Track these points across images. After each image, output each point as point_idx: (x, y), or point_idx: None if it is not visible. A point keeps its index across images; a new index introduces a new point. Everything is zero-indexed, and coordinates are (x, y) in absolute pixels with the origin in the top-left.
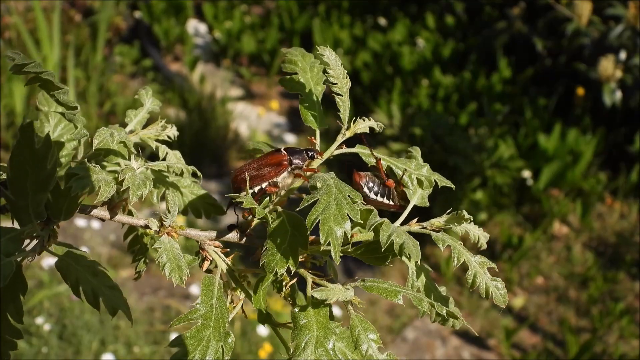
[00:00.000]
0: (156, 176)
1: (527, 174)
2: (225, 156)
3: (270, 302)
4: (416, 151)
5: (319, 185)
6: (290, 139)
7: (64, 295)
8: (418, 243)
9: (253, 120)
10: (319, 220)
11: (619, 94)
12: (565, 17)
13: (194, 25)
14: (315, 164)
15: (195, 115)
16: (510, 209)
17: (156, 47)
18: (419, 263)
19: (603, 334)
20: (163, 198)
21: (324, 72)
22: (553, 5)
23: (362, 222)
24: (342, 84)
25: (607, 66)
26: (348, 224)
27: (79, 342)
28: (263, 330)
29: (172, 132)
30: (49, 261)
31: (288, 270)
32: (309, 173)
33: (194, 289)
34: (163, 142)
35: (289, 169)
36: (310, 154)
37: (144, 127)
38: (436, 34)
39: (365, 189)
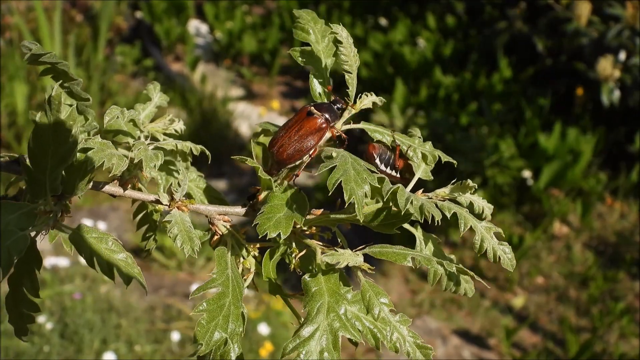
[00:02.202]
0: (163, 168)
1: (527, 173)
2: (227, 156)
3: (272, 301)
4: (416, 131)
5: (334, 154)
6: None
7: (65, 294)
8: (434, 204)
9: (254, 120)
10: (337, 183)
11: (617, 94)
12: (565, 17)
13: (195, 25)
14: (347, 115)
15: (196, 115)
16: (510, 208)
17: (157, 47)
18: (439, 223)
19: (603, 333)
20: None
21: (335, 42)
22: (553, 6)
23: (379, 186)
24: (352, 62)
25: (606, 66)
26: (367, 186)
27: (80, 341)
28: (264, 329)
29: (180, 126)
30: (51, 260)
31: (281, 239)
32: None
33: (195, 288)
34: (170, 135)
35: (329, 129)
36: (337, 106)
37: (152, 121)
38: (437, 33)
39: (377, 160)
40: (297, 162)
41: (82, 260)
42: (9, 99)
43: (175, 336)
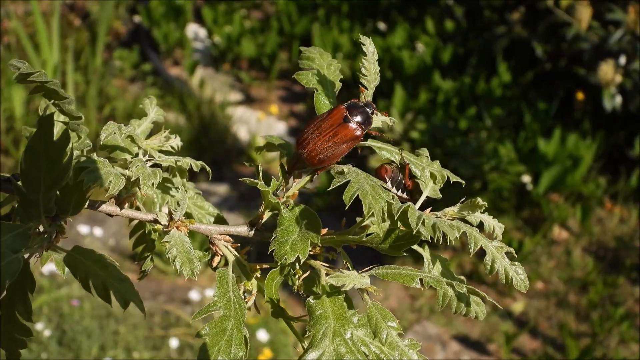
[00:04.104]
0: (160, 186)
1: (526, 178)
2: (225, 160)
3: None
4: (424, 151)
5: (345, 170)
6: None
7: (63, 301)
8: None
9: (252, 124)
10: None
11: (619, 99)
12: (565, 22)
13: (193, 29)
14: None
15: (194, 119)
16: (510, 213)
17: (156, 51)
18: (453, 242)
19: (603, 339)
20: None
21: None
22: (553, 10)
23: (392, 202)
24: (371, 79)
25: (607, 71)
26: (383, 202)
27: (78, 348)
28: (263, 335)
29: (176, 142)
30: (49, 267)
31: (300, 262)
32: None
33: (194, 294)
34: (166, 152)
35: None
36: (370, 110)
37: (148, 137)
38: (436, 38)
39: (389, 183)
40: (326, 166)
41: None
42: (7, 103)
43: (173, 343)
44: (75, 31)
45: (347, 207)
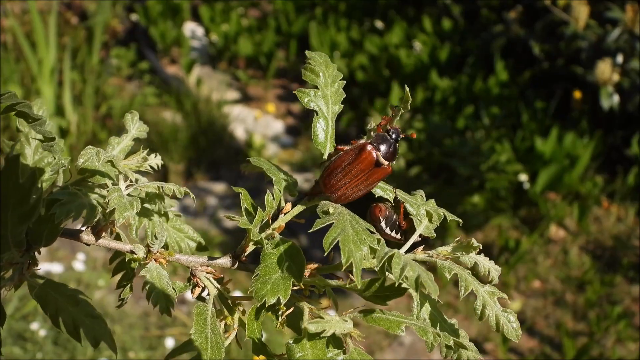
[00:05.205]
0: (140, 210)
1: (523, 177)
2: (222, 159)
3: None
4: (418, 192)
5: (330, 210)
6: (287, 140)
7: None
8: (432, 275)
9: (250, 123)
10: (332, 244)
11: (616, 98)
12: (562, 21)
13: (190, 27)
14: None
15: (191, 118)
16: (507, 212)
17: (153, 50)
18: (435, 297)
19: (600, 338)
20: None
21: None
22: (550, 9)
23: (378, 248)
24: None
25: (605, 69)
26: (366, 248)
27: (74, 348)
28: None
29: (156, 161)
30: (45, 266)
31: (281, 304)
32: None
33: (190, 294)
34: (145, 173)
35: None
36: (394, 137)
37: (128, 155)
38: (433, 37)
39: (383, 223)
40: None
41: (77, 266)
42: None
43: (169, 342)
44: (72, 30)
45: (325, 254)
